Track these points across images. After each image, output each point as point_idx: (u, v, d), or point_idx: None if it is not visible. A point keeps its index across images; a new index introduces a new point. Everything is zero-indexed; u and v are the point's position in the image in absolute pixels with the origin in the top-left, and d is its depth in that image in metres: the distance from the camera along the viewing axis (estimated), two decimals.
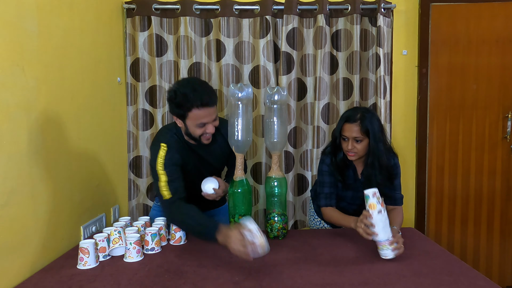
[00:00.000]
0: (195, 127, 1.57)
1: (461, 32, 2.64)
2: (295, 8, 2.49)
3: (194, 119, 1.55)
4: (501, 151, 2.70)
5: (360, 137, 1.65)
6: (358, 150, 1.68)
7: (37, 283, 1.30)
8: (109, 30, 2.26)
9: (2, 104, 1.30)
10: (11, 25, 1.36)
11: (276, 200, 1.69)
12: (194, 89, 1.52)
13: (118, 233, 1.52)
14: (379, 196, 1.46)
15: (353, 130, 1.65)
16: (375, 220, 1.44)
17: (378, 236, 1.44)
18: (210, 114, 1.56)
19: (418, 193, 2.73)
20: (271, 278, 1.28)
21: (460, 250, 2.75)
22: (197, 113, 1.53)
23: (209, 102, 1.54)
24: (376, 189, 1.46)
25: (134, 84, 2.54)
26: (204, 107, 1.53)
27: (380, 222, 1.44)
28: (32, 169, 1.46)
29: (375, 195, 1.45)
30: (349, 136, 1.66)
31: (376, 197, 1.45)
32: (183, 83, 1.59)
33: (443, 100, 2.69)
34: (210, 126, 1.58)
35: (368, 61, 2.56)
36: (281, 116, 1.67)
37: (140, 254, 1.48)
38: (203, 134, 1.59)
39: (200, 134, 1.59)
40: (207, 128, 1.58)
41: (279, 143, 1.68)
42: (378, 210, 1.44)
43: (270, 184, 1.70)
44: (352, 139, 1.66)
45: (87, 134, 1.91)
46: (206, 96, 1.53)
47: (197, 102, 1.51)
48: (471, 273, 1.31)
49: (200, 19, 2.53)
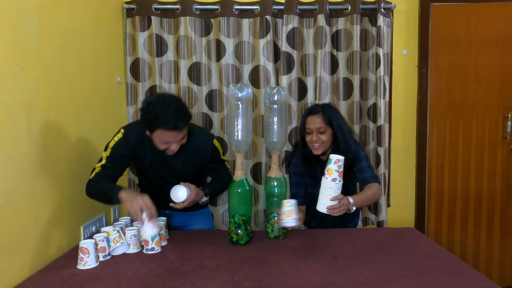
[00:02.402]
0: (159, 143, 1.61)
1: (461, 32, 2.64)
2: (295, 8, 2.49)
3: (159, 137, 1.58)
4: (501, 151, 2.70)
5: (324, 127, 1.71)
6: (323, 141, 1.72)
7: (37, 283, 1.30)
8: (109, 30, 2.26)
9: (2, 104, 1.30)
10: (11, 25, 1.36)
11: (276, 200, 1.69)
12: (165, 111, 1.51)
13: (117, 232, 1.53)
14: (341, 166, 1.42)
15: (316, 121, 1.71)
16: (323, 187, 1.43)
17: (317, 204, 1.45)
18: (176, 136, 1.58)
19: (418, 193, 2.73)
20: (271, 278, 1.28)
21: (460, 250, 2.75)
22: (163, 134, 1.56)
23: (176, 127, 1.55)
24: (342, 157, 1.43)
25: (134, 84, 2.54)
26: (171, 130, 1.55)
27: (327, 190, 1.42)
28: (32, 169, 1.46)
29: (337, 162, 1.41)
30: (313, 128, 1.72)
31: (338, 165, 1.41)
32: (157, 101, 1.56)
33: (443, 100, 2.69)
34: (174, 145, 1.61)
35: (368, 61, 2.56)
36: (280, 116, 1.67)
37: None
38: (166, 149, 1.63)
39: (163, 149, 1.63)
40: (171, 146, 1.61)
41: (278, 143, 1.69)
42: (333, 178, 1.41)
43: (270, 184, 1.70)
44: (316, 131, 1.72)
45: (87, 134, 1.91)
46: (175, 120, 1.53)
47: (164, 126, 1.53)
48: (471, 273, 1.31)
49: (200, 19, 2.53)
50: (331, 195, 1.43)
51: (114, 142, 1.70)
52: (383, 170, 2.56)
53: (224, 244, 1.63)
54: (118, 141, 1.69)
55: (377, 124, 2.53)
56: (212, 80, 2.56)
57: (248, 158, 2.60)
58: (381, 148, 2.54)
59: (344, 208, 1.46)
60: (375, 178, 1.74)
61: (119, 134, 1.71)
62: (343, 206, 1.45)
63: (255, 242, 1.64)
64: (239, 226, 1.61)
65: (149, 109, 1.54)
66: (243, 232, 1.61)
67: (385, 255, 1.47)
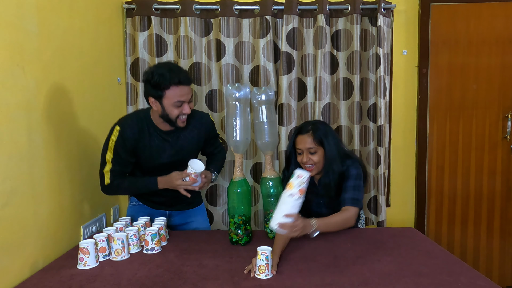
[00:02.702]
0: (173, 107, 1.60)
1: (461, 32, 2.64)
2: (295, 8, 2.49)
3: (171, 97, 1.58)
4: (501, 151, 2.70)
5: (314, 148, 1.65)
6: (315, 162, 1.66)
7: (37, 283, 1.30)
8: (109, 30, 2.26)
9: (2, 104, 1.30)
10: (11, 25, 1.36)
11: (273, 200, 1.69)
12: (170, 69, 1.58)
13: (121, 243, 1.48)
14: (304, 183, 1.31)
15: (306, 141, 1.65)
16: (280, 201, 1.33)
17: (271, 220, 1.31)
18: (186, 93, 1.60)
19: (418, 193, 2.73)
20: (271, 278, 1.28)
21: (460, 250, 2.75)
22: (175, 91, 1.57)
23: (185, 81, 1.59)
24: (307, 174, 1.32)
25: (134, 84, 2.54)
26: (181, 84, 1.58)
27: (282, 205, 1.30)
28: (32, 169, 1.46)
29: (299, 177, 1.31)
30: (303, 148, 1.66)
31: (299, 180, 1.30)
32: (158, 66, 1.63)
33: (443, 100, 2.69)
34: (186, 106, 1.61)
35: (368, 61, 2.56)
36: (270, 117, 1.67)
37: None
38: (179, 116, 1.62)
39: (177, 114, 1.62)
40: (184, 108, 1.61)
41: (270, 143, 1.68)
42: (290, 193, 1.30)
43: (266, 185, 1.69)
44: (307, 151, 1.65)
45: (87, 134, 1.91)
46: (182, 75, 1.59)
47: (174, 80, 1.56)
48: (471, 273, 1.31)
49: (200, 19, 2.53)
50: (285, 211, 1.29)
51: (113, 142, 1.65)
52: (383, 170, 2.56)
53: (224, 244, 1.63)
54: (117, 139, 1.65)
55: (377, 124, 2.53)
56: (212, 80, 2.56)
57: (248, 158, 2.60)
58: (381, 148, 2.54)
59: (298, 230, 1.30)
60: (354, 201, 1.61)
61: (115, 132, 1.65)
62: (296, 227, 1.29)
63: (255, 242, 1.64)
64: (239, 226, 1.61)
65: (154, 73, 1.57)
66: (243, 232, 1.61)
67: (385, 255, 1.47)
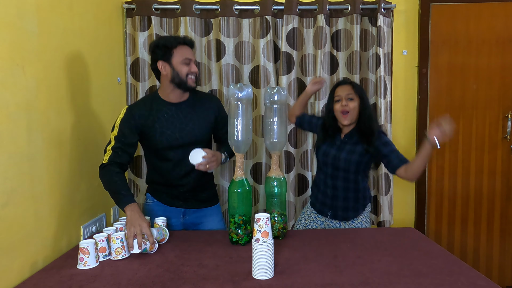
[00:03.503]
0: (182, 64, 1.71)
1: (461, 32, 2.64)
2: (295, 8, 2.49)
3: (180, 55, 1.71)
4: (501, 151, 2.70)
5: (352, 95, 1.80)
6: (351, 109, 1.79)
7: (37, 283, 1.30)
8: (109, 30, 2.26)
9: (2, 104, 1.30)
10: (11, 25, 1.36)
11: (276, 200, 1.69)
12: (171, 35, 1.80)
13: (120, 242, 1.49)
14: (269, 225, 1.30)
15: (346, 89, 1.82)
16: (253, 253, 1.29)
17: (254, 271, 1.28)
18: (192, 53, 1.75)
19: (418, 193, 2.73)
20: (271, 278, 1.28)
21: (460, 250, 2.76)
22: (182, 49, 1.72)
23: (189, 42, 1.75)
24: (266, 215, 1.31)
25: (134, 84, 2.54)
26: (186, 44, 1.73)
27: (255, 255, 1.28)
28: (32, 169, 1.46)
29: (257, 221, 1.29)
30: (342, 95, 1.81)
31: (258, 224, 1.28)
32: (161, 36, 1.82)
33: (443, 100, 2.69)
34: (193, 65, 1.74)
35: (368, 61, 2.56)
36: (281, 116, 1.67)
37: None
38: (188, 74, 1.72)
39: (186, 72, 1.72)
40: (192, 66, 1.73)
41: (278, 143, 1.68)
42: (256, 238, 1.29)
43: (270, 184, 1.70)
44: (345, 97, 1.80)
45: (87, 134, 1.91)
46: (186, 37, 1.76)
47: (180, 40, 1.73)
48: (471, 273, 1.31)
49: (200, 19, 2.53)
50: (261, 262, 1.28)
51: (119, 120, 1.73)
52: (384, 170, 2.56)
53: (224, 244, 1.63)
54: (124, 116, 1.73)
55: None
56: (212, 80, 2.56)
57: (248, 158, 2.60)
58: None
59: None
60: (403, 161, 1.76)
61: (123, 110, 1.75)
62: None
63: None
64: (239, 226, 1.61)
65: (160, 39, 1.74)
66: (243, 232, 1.61)
67: (385, 255, 1.47)
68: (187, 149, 1.70)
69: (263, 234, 1.28)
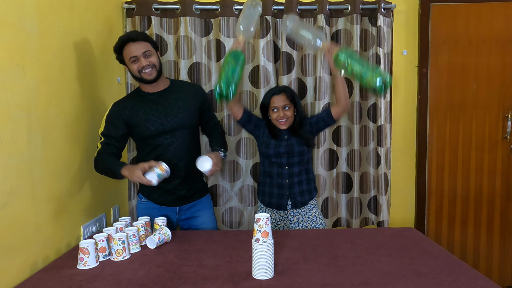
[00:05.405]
0: (131, 64, 1.80)
1: (461, 32, 2.64)
2: (295, 8, 2.49)
3: (126, 56, 1.80)
4: (501, 151, 2.70)
5: (288, 104, 1.96)
6: (288, 117, 1.95)
7: (37, 283, 1.30)
8: (109, 30, 2.26)
9: (2, 104, 1.31)
10: (11, 25, 1.36)
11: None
12: (123, 35, 1.82)
13: (121, 243, 1.49)
14: (269, 224, 1.30)
15: (281, 99, 1.95)
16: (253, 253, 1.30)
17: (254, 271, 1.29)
18: (137, 48, 1.78)
19: (418, 193, 2.73)
20: (271, 278, 1.28)
21: (460, 250, 2.76)
22: (127, 50, 1.79)
23: (134, 38, 1.78)
24: (266, 215, 1.30)
25: (134, 84, 2.54)
26: (130, 41, 1.78)
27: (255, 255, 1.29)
28: (32, 169, 1.46)
29: (257, 221, 1.29)
30: (279, 106, 1.95)
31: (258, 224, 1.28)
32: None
33: (443, 100, 2.69)
34: (142, 59, 1.79)
35: (368, 61, 2.56)
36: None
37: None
38: (140, 70, 1.79)
39: (137, 69, 1.80)
40: (140, 63, 1.78)
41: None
42: (256, 238, 1.29)
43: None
44: (282, 108, 1.94)
45: (87, 134, 1.91)
46: (132, 33, 1.81)
47: (124, 39, 1.79)
48: (471, 273, 1.32)
49: (200, 19, 2.53)
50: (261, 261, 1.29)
51: (105, 116, 1.84)
52: (384, 170, 2.56)
53: (224, 244, 1.63)
54: (109, 112, 1.85)
55: (377, 124, 2.53)
56: (212, 80, 2.56)
57: (248, 158, 2.60)
58: (382, 148, 2.54)
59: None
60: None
61: (110, 107, 1.87)
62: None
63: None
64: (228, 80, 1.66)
65: (115, 45, 1.83)
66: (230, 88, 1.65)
67: (385, 255, 1.48)
68: (175, 134, 1.83)
69: (263, 234, 1.28)
